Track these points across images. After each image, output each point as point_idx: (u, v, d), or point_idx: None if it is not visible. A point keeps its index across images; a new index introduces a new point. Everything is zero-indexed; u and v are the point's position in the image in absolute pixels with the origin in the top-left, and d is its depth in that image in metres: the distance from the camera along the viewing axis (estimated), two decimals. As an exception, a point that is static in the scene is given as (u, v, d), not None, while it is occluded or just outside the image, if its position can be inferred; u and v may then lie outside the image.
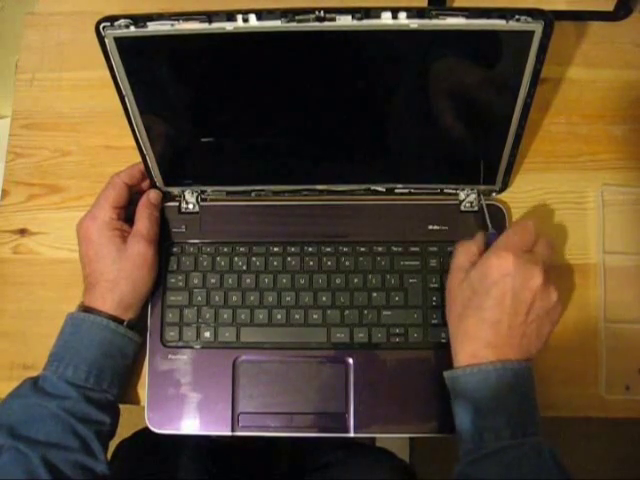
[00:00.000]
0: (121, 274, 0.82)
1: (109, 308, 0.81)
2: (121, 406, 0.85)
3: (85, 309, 0.82)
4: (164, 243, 0.88)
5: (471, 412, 0.73)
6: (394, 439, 1.54)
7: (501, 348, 0.73)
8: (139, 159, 0.84)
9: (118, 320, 0.82)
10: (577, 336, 0.87)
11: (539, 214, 0.90)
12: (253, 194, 0.89)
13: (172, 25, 0.65)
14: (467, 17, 0.65)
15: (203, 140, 0.82)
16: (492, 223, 0.86)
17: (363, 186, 0.88)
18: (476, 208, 0.88)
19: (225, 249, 0.88)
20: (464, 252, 0.80)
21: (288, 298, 0.86)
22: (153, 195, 0.88)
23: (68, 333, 0.81)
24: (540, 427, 0.73)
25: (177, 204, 0.90)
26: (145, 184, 0.89)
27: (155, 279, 0.86)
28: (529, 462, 0.69)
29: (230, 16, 0.64)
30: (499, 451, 0.70)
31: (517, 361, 0.73)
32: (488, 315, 0.73)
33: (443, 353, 0.84)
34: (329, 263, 0.87)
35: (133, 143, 0.81)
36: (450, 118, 0.80)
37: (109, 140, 0.95)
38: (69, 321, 0.82)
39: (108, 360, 0.81)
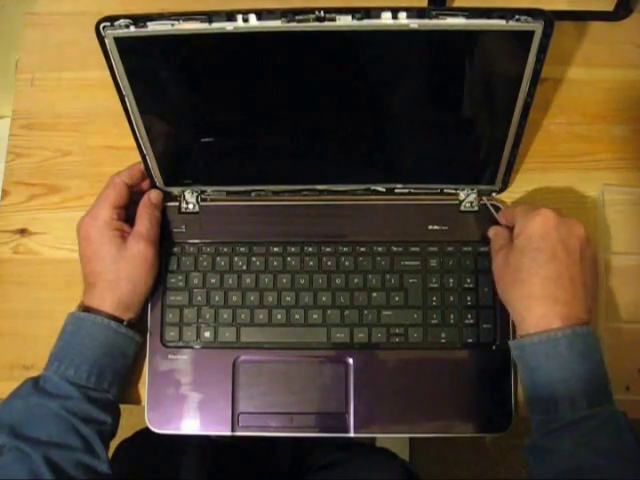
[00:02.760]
0: (121, 274, 0.82)
1: (109, 308, 0.81)
2: (121, 406, 0.85)
3: (85, 309, 0.82)
4: (164, 243, 0.88)
5: (542, 382, 0.72)
6: (394, 439, 1.54)
7: (570, 304, 0.73)
8: (139, 159, 0.84)
9: (118, 320, 0.81)
10: (577, 336, 0.87)
11: (539, 214, 0.90)
12: (253, 194, 0.89)
13: (172, 25, 0.65)
14: (467, 17, 0.65)
15: (203, 140, 0.82)
16: (491, 224, 0.86)
17: (363, 186, 0.88)
18: (476, 208, 0.88)
19: (225, 249, 0.88)
20: (497, 234, 0.83)
21: (288, 298, 0.86)
22: (154, 195, 0.88)
23: (69, 333, 0.81)
24: (612, 395, 0.72)
25: (177, 204, 0.90)
26: (145, 184, 0.89)
27: (155, 279, 0.86)
28: (607, 432, 0.68)
29: (230, 16, 0.64)
30: (576, 422, 0.69)
31: (585, 325, 0.72)
32: (548, 272, 0.73)
33: (443, 353, 0.84)
34: (329, 263, 0.87)
35: (133, 143, 0.81)
36: (450, 118, 0.80)
37: (109, 140, 0.95)
38: (70, 320, 0.82)
39: (109, 360, 0.80)
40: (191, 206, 0.90)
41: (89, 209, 0.85)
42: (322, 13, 0.64)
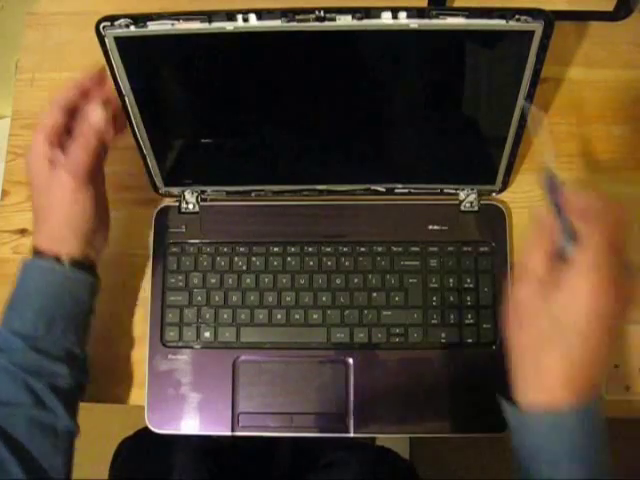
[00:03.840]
0: (47, 206, 0.75)
1: (43, 242, 0.76)
2: (121, 406, 0.85)
3: (32, 250, 0.77)
4: (164, 243, 0.88)
5: (543, 462, 0.62)
6: (394, 439, 1.54)
7: (579, 379, 0.60)
8: (139, 159, 0.84)
9: (57, 256, 0.75)
10: (577, 336, 0.86)
11: (539, 214, 0.90)
12: (253, 194, 0.89)
13: (172, 25, 0.65)
14: (467, 17, 0.65)
15: (203, 140, 0.82)
16: (491, 224, 0.86)
17: (363, 186, 0.88)
18: (476, 208, 0.88)
19: (225, 249, 0.88)
20: (537, 250, 0.62)
21: (288, 298, 0.86)
22: (94, 116, 0.75)
23: (17, 281, 0.76)
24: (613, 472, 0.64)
25: (177, 204, 0.90)
26: (98, 94, 0.76)
27: (89, 215, 0.77)
28: None
29: (230, 16, 0.64)
30: None
31: (594, 400, 0.60)
32: (575, 354, 0.59)
33: (443, 353, 0.84)
34: (329, 263, 0.87)
35: (131, 142, 0.81)
36: (450, 118, 0.80)
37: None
38: (19, 267, 0.77)
39: (58, 306, 0.75)
40: (191, 206, 0.90)
41: None
42: (322, 13, 0.64)
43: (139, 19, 0.65)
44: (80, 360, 0.78)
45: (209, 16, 0.65)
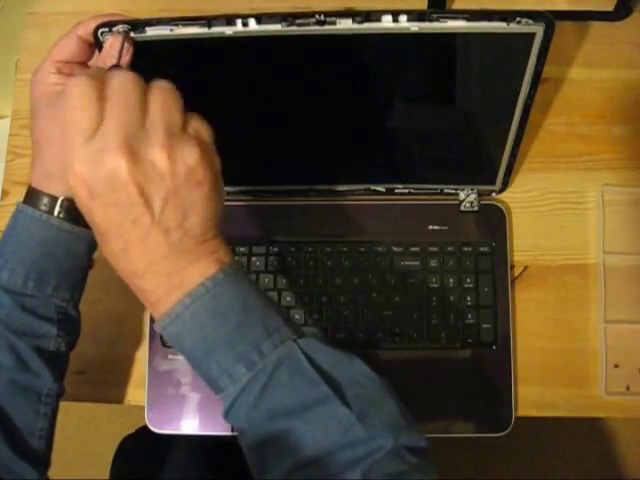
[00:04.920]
0: (42, 135, 0.68)
1: (34, 179, 0.69)
2: (121, 406, 0.85)
3: (27, 189, 0.70)
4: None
5: (196, 366, 0.59)
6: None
7: (171, 263, 0.56)
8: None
9: (51, 197, 0.68)
10: (577, 336, 0.87)
11: (539, 214, 0.90)
12: (253, 194, 0.89)
13: (171, 30, 0.65)
14: (468, 20, 0.64)
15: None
16: (491, 224, 0.86)
17: (363, 186, 0.89)
18: (476, 208, 0.88)
19: (225, 249, 0.88)
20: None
21: (288, 298, 0.86)
22: (115, 44, 0.64)
23: (8, 227, 0.70)
24: (284, 326, 0.58)
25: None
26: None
27: None
28: (277, 387, 0.56)
29: (230, 20, 0.64)
30: (243, 393, 0.56)
31: (203, 281, 0.56)
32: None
33: (443, 353, 0.84)
34: (329, 263, 0.87)
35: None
36: (450, 119, 0.80)
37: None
38: (14, 211, 0.70)
39: (51, 261, 0.69)
40: (191, 206, 0.89)
41: None
42: (322, 17, 0.64)
43: (137, 25, 0.64)
44: (71, 319, 0.73)
45: (208, 21, 0.64)
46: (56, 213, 0.68)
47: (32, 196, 0.69)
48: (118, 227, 0.54)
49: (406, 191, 0.89)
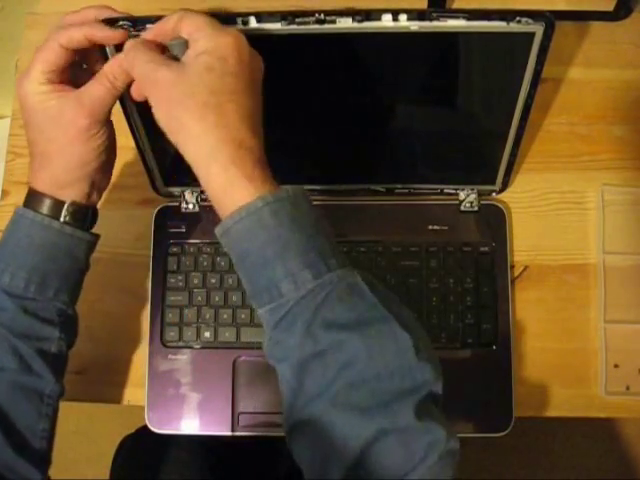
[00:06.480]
0: (51, 145, 0.68)
1: (42, 187, 0.68)
2: (121, 406, 0.85)
3: (28, 192, 0.70)
4: (164, 243, 0.88)
5: (258, 266, 0.58)
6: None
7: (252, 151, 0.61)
8: (139, 160, 0.83)
9: (57, 201, 0.69)
10: (577, 336, 0.87)
11: (539, 214, 0.90)
12: (253, 194, 0.89)
13: (172, 27, 0.65)
14: (468, 19, 0.64)
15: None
16: (491, 224, 0.86)
17: (363, 186, 0.88)
18: (476, 208, 0.88)
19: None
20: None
21: (288, 298, 0.86)
22: (131, 55, 0.63)
23: (8, 231, 0.70)
24: (343, 257, 0.59)
25: (177, 204, 0.90)
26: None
27: (98, 154, 0.69)
28: (339, 299, 0.57)
29: (230, 19, 0.64)
30: (304, 299, 0.56)
31: (283, 187, 0.59)
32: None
33: (443, 353, 0.84)
34: (329, 263, 0.87)
35: (132, 143, 0.81)
36: (450, 118, 0.80)
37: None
38: (13, 215, 0.71)
39: (51, 264, 0.69)
40: (191, 206, 0.90)
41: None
42: (322, 16, 0.64)
43: (138, 22, 0.64)
44: (71, 320, 0.74)
45: (208, 19, 0.65)
46: (62, 218, 0.69)
47: (33, 200, 0.69)
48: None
49: (406, 191, 0.89)
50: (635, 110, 0.93)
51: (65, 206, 0.69)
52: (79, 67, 0.70)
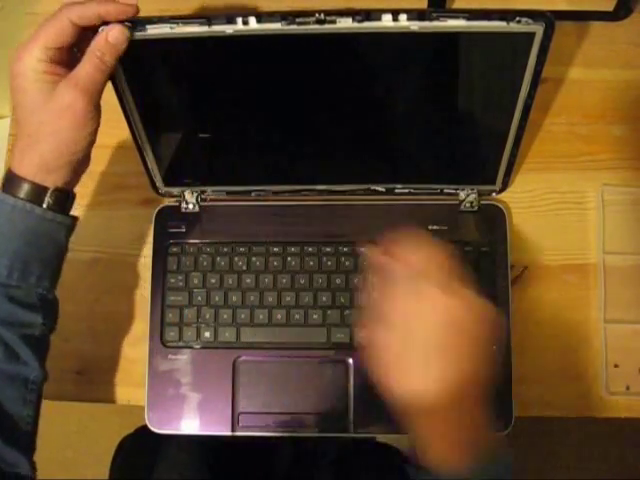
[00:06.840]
0: (42, 128, 0.66)
1: (27, 171, 0.67)
2: (121, 406, 0.85)
3: (7, 175, 0.69)
4: (164, 243, 0.88)
5: None
6: (394, 439, 1.54)
7: None
8: (139, 160, 0.83)
9: (41, 187, 0.68)
10: (577, 336, 0.87)
11: (539, 214, 0.90)
12: (253, 194, 0.89)
13: (171, 28, 0.65)
14: (468, 19, 0.64)
15: (203, 140, 0.82)
16: (491, 224, 0.86)
17: (363, 186, 0.88)
18: (476, 208, 0.88)
19: (225, 249, 0.88)
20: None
21: (288, 298, 0.86)
22: (114, 33, 0.65)
23: None
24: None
25: (177, 204, 0.90)
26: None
27: (89, 140, 0.69)
28: None
29: (230, 19, 0.64)
30: None
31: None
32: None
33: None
34: (329, 263, 0.87)
35: (132, 143, 0.81)
36: (450, 118, 0.80)
37: (109, 140, 0.94)
38: None
39: (34, 251, 0.69)
40: (191, 206, 0.90)
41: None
42: (322, 16, 0.64)
43: (138, 23, 0.64)
44: (52, 305, 0.74)
45: (209, 20, 0.64)
46: (45, 204, 0.68)
47: (14, 184, 0.68)
48: None
49: (406, 191, 0.89)
50: (635, 110, 0.93)
51: (49, 192, 0.68)
52: (73, 53, 0.68)
